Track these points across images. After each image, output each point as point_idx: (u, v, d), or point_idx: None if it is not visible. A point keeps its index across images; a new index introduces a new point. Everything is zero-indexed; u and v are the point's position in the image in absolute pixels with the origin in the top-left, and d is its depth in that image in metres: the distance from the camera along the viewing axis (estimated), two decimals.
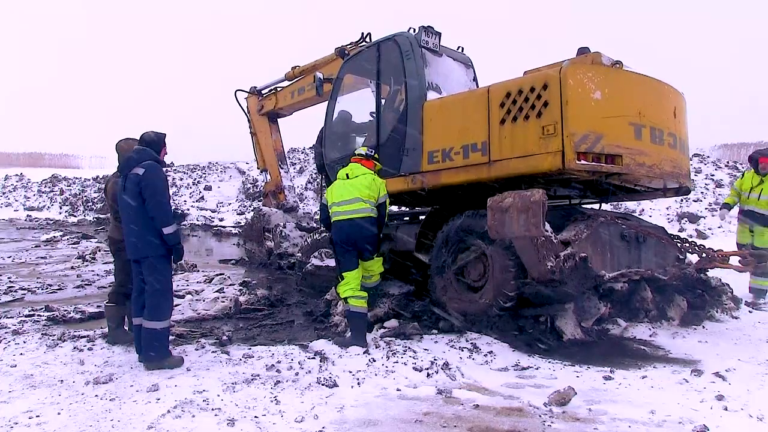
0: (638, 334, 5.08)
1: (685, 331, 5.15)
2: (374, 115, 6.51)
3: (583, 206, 6.03)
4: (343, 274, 5.03)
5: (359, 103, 7.12)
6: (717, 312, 5.71)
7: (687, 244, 5.66)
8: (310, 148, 30.42)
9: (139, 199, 4.18)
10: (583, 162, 4.49)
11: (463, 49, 6.95)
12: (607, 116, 4.63)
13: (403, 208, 7.94)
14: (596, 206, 6.15)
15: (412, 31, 6.13)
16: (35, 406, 3.40)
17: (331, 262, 6.76)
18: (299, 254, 8.11)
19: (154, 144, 4.48)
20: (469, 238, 5.30)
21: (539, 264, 4.40)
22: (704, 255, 5.41)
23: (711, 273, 6.00)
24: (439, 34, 6.24)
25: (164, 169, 4.44)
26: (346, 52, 7.70)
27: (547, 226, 4.38)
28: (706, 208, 16.34)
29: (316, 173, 26.12)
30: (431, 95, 5.83)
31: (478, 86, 6.68)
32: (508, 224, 4.38)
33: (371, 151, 5.31)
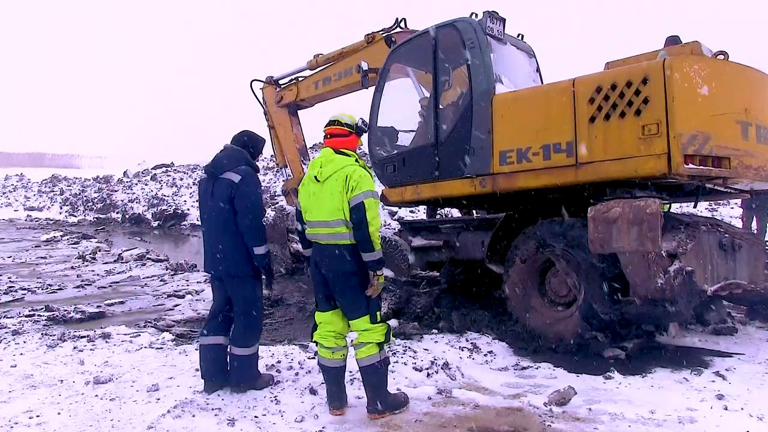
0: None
1: (685, 331, 5.14)
2: (425, 108, 6.03)
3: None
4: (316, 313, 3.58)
5: (401, 96, 6.51)
6: None
7: None
8: (311, 147, 30.33)
9: (230, 209, 3.66)
10: (690, 166, 3.98)
11: (523, 37, 6.31)
12: (715, 114, 4.16)
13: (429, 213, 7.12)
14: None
15: (474, 16, 5.54)
16: (35, 406, 3.40)
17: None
18: None
19: (251, 147, 3.95)
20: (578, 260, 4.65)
21: (649, 281, 4.00)
22: None
23: None
24: (504, 20, 5.59)
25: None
26: (393, 39, 6.95)
27: None
28: (706, 209, 16.34)
29: None
30: (499, 88, 5.21)
31: (541, 77, 6.16)
32: (616, 237, 4.01)
33: (360, 120, 3.60)
